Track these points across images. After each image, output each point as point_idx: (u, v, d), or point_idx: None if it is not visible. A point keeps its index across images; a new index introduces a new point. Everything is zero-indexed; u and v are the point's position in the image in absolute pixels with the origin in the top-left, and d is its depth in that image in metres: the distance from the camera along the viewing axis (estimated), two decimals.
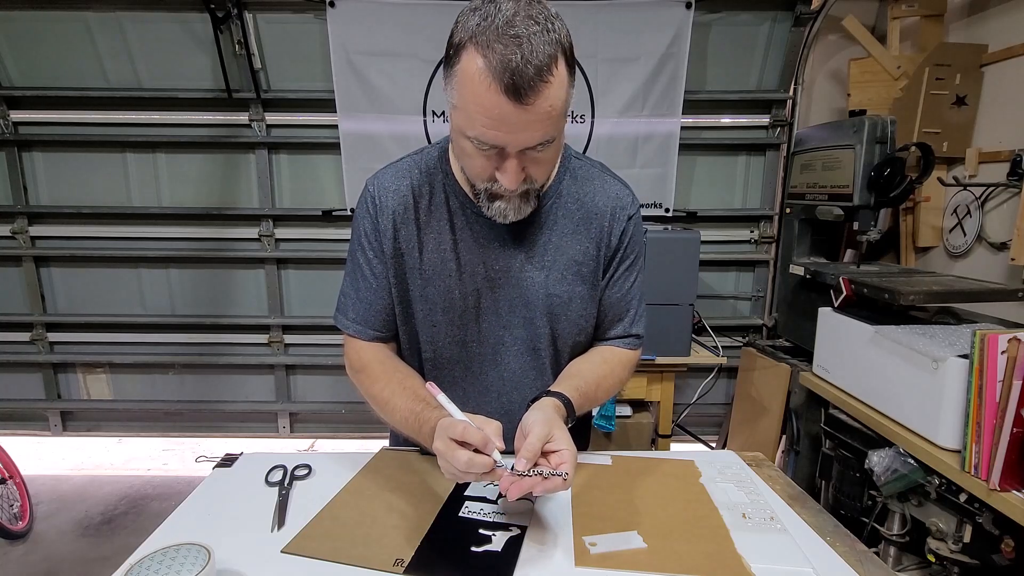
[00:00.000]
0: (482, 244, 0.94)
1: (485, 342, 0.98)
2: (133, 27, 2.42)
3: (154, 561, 0.69)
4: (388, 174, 0.98)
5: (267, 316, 2.76)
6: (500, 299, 0.96)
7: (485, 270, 0.94)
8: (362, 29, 2.34)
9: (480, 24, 0.72)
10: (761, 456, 1.10)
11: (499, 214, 0.87)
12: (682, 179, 2.59)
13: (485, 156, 0.80)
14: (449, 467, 0.75)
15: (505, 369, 0.99)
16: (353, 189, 2.52)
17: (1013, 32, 1.99)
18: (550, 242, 0.95)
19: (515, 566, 0.75)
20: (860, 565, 0.77)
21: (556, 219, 0.95)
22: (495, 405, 1.01)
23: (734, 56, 2.51)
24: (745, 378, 2.50)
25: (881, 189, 1.90)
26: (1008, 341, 1.20)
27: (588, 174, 0.99)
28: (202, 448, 3.04)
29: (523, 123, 0.73)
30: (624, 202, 0.98)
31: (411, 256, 0.95)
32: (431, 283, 0.95)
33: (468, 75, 0.73)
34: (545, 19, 0.72)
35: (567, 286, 0.96)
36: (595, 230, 0.96)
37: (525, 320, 0.97)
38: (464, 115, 0.76)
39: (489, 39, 0.70)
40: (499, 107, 0.72)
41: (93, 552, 2.23)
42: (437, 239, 0.94)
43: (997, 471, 1.21)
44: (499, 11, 0.71)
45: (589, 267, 0.97)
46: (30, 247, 2.67)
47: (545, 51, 0.71)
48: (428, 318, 0.97)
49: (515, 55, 0.69)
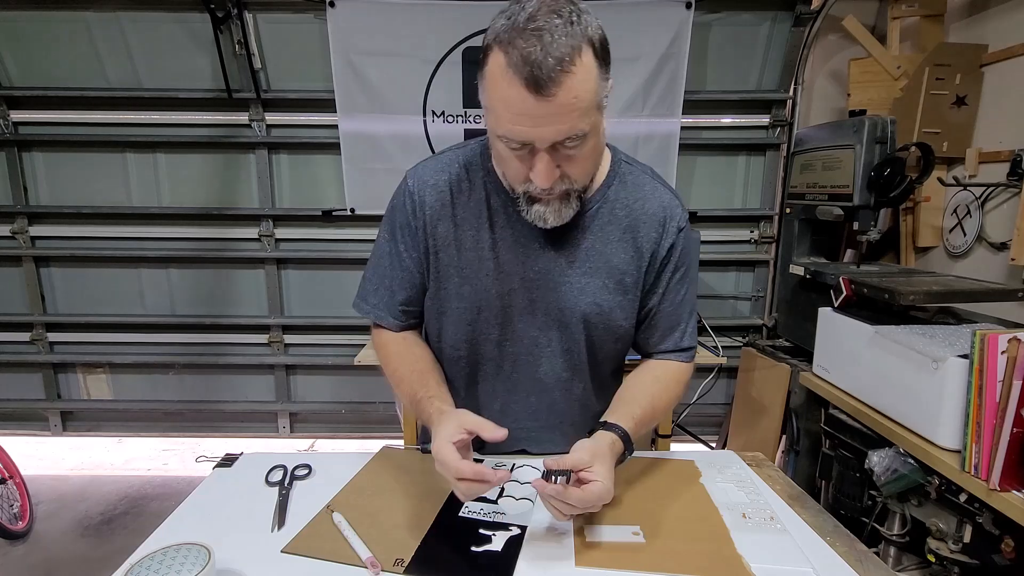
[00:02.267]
0: (522, 244, 0.93)
1: (519, 342, 0.97)
2: (133, 27, 2.42)
3: (154, 561, 0.69)
4: (428, 168, 0.97)
5: (267, 316, 2.76)
6: (537, 301, 0.95)
7: (524, 271, 0.93)
8: (362, 29, 2.34)
9: (504, 25, 0.72)
10: (761, 456, 1.10)
11: (538, 218, 0.85)
12: (682, 179, 2.59)
13: (518, 157, 0.79)
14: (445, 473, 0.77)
15: (538, 370, 0.99)
16: (353, 189, 2.51)
17: (1013, 32, 1.99)
18: (593, 248, 0.93)
19: (515, 566, 0.75)
20: (860, 565, 0.77)
21: (601, 225, 0.94)
22: (525, 404, 1.01)
23: (734, 56, 2.51)
24: (745, 378, 2.50)
25: (881, 189, 1.90)
26: (1008, 341, 1.20)
27: (638, 180, 0.97)
28: (202, 448, 3.03)
29: (547, 116, 0.73)
30: (675, 213, 0.96)
31: (447, 253, 0.94)
32: (468, 281, 0.94)
33: (493, 74, 0.73)
34: (570, 13, 0.72)
35: (607, 295, 0.95)
36: (642, 239, 0.95)
37: (560, 324, 0.96)
38: (493, 115, 0.77)
39: (512, 36, 0.71)
40: (522, 101, 0.71)
41: (93, 552, 2.23)
42: (475, 236, 0.93)
43: (997, 471, 1.20)
44: (523, 10, 0.72)
45: (632, 276, 0.95)
46: (30, 247, 2.67)
47: (567, 42, 0.70)
48: (463, 316, 0.96)
49: (535, 47, 0.69)
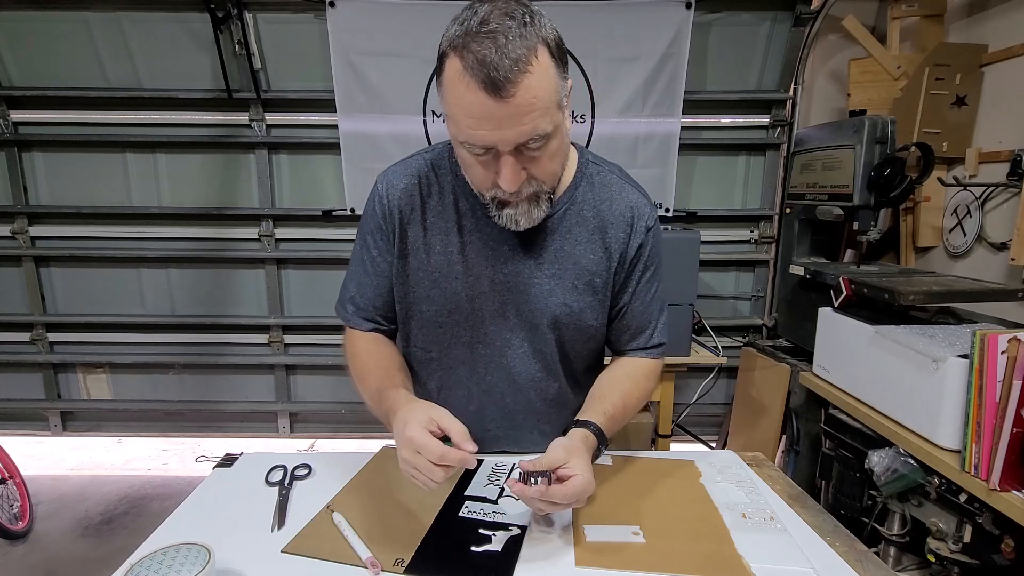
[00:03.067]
0: (491, 248, 0.93)
1: (491, 344, 0.97)
2: (133, 27, 2.42)
3: (154, 561, 0.69)
4: (398, 172, 0.97)
5: (267, 316, 2.76)
6: (507, 304, 0.95)
7: (493, 274, 0.93)
8: (362, 29, 2.34)
9: (457, 31, 0.72)
10: (761, 456, 1.10)
11: (510, 221, 0.85)
12: (682, 179, 2.59)
13: (482, 163, 0.79)
14: (415, 458, 0.73)
15: (511, 371, 0.99)
16: (353, 189, 2.52)
17: (1013, 32, 1.99)
18: (562, 250, 0.94)
19: (515, 566, 0.75)
20: (860, 565, 0.77)
21: (570, 226, 0.94)
22: (500, 405, 1.01)
23: (734, 56, 2.51)
24: (745, 378, 2.50)
25: (881, 189, 1.90)
26: (1008, 341, 1.20)
27: (605, 180, 0.97)
28: (202, 448, 3.03)
29: (507, 118, 0.72)
30: (642, 212, 0.96)
31: (417, 256, 0.95)
32: (437, 284, 0.94)
33: (450, 80, 0.73)
34: (523, 15, 0.72)
35: (577, 296, 0.95)
36: (610, 239, 0.95)
37: (531, 326, 0.96)
38: (453, 122, 0.76)
39: (466, 41, 0.71)
40: (481, 104, 0.71)
41: (93, 552, 2.23)
42: (444, 240, 0.94)
43: (997, 471, 1.20)
44: (475, 15, 0.72)
45: (601, 277, 0.96)
46: (30, 247, 2.67)
47: (522, 43, 0.70)
48: (434, 319, 0.96)
49: (489, 50, 0.69)
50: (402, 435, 0.75)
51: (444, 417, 0.76)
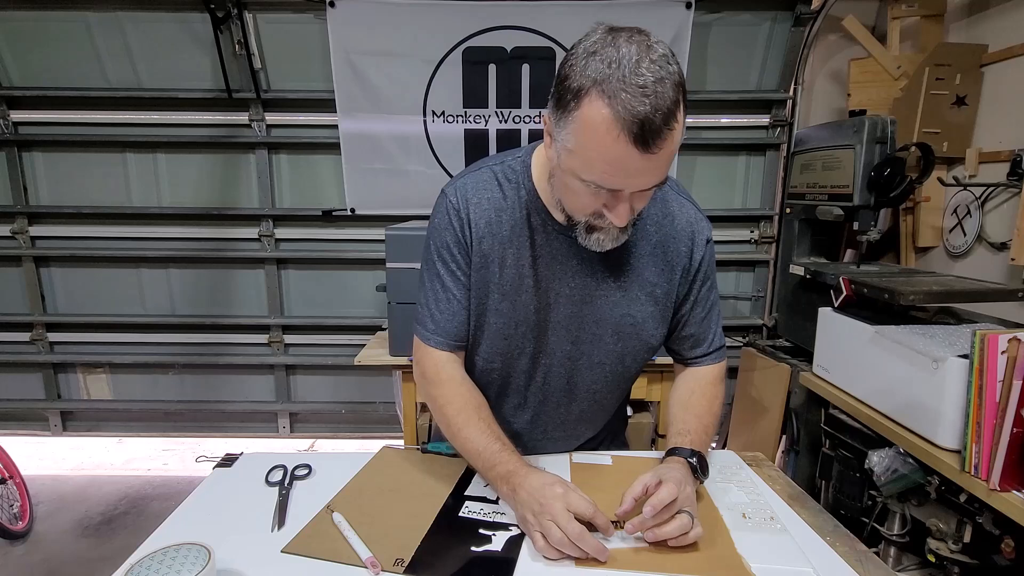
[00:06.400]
0: (560, 262, 0.95)
1: (553, 355, 1.00)
2: (133, 27, 2.42)
3: (154, 561, 0.70)
4: (469, 184, 0.96)
5: (267, 316, 2.76)
6: (572, 316, 0.97)
7: (561, 287, 0.95)
8: (362, 29, 2.34)
9: (603, 71, 0.70)
10: (761, 456, 1.10)
11: (596, 244, 0.87)
12: (682, 179, 2.59)
13: (593, 195, 0.79)
14: (554, 533, 0.76)
15: (570, 381, 1.02)
16: (353, 189, 2.51)
17: (1013, 32, 1.99)
18: (628, 263, 0.96)
19: (515, 566, 0.75)
20: (860, 565, 0.77)
21: (635, 241, 0.96)
22: (555, 414, 1.05)
23: (734, 56, 2.51)
24: (745, 378, 2.50)
25: (881, 189, 1.90)
26: (1008, 341, 1.20)
27: (665, 196, 0.99)
28: (202, 448, 3.03)
29: (647, 169, 0.73)
30: (701, 227, 1.00)
31: (490, 270, 0.95)
32: (508, 297, 0.96)
33: (592, 124, 0.71)
34: (665, 61, 0.71)
35: (639, 307, 0.98)
36: (672, 254, 0.98)
37: (595, 337, 0.98)
38: (582, 161, 0.75)
39: (615, 88, 0.69)
40: (627, 157, 0.71)
41: (93, 552, 2.23)
42: (517, 254, 0.95)
43: (997, 471, 1.20)
44: (620, 55, 0.69)
45: (663, 288, 0.99)
46: (30, 247, 2.67)
47: (670, 97, 0.69)
48: (501, 331, 0.97)
49: (643, 106, 0.68)
50: (546, 501, 0.78)
51: (581, 507, 0.79)
